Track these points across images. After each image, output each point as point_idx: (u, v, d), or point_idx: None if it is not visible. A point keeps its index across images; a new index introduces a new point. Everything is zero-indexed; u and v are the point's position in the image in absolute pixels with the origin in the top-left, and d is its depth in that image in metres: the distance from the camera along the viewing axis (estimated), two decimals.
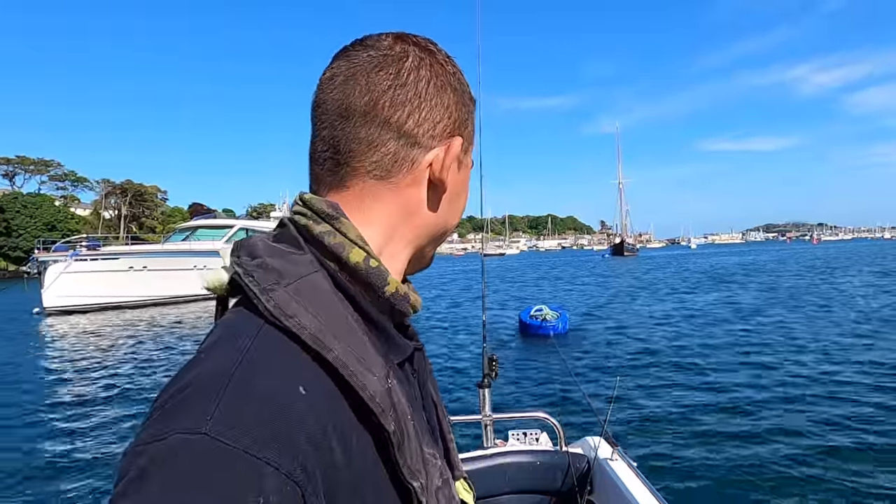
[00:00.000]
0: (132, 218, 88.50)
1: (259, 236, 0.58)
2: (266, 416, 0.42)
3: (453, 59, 0.66)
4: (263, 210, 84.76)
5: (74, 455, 6.25)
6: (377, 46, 0.61)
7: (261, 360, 0.46)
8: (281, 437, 0.42)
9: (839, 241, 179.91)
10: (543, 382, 8.63)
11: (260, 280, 0.51)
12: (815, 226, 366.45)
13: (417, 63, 0.61)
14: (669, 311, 17.22)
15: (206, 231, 28.57)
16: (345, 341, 0.50)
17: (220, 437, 0.40)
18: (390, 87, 0.59)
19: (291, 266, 0.53)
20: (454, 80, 0.64)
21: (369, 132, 0.59)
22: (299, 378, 0.47)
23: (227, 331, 0.51)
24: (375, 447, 0.51)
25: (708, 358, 9.91)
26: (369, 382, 0.50)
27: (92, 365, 11.59)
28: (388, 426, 0.50)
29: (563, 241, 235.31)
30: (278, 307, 0.49)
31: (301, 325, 0.49)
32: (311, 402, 0.46)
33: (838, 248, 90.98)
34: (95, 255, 23.73)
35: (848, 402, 6.91)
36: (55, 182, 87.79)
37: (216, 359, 0.47)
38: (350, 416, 0.49)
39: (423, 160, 0.61)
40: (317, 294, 0.52)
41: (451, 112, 0.63)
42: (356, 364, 0.50)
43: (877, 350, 9.97)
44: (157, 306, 23.97)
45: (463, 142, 0.64)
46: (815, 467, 5.10)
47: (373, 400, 0.50)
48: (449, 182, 0.63)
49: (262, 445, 0.41)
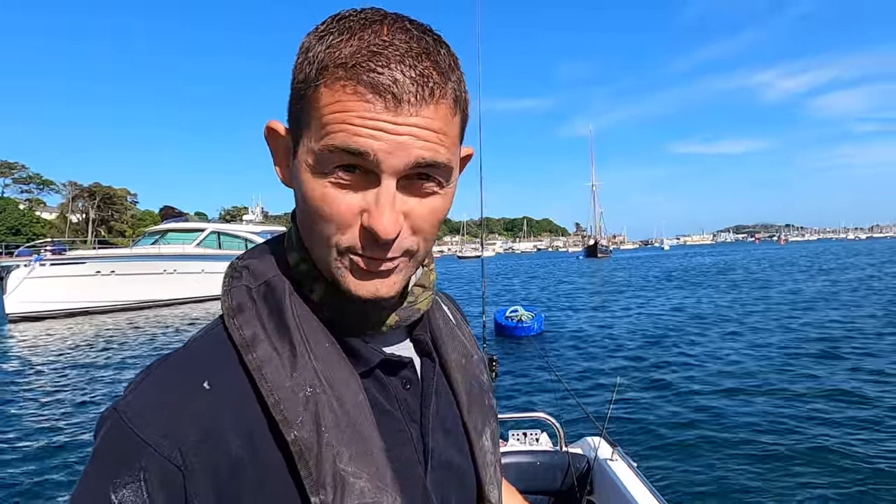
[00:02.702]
0: (101, 222, 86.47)
1: (278, 237, 0.62)
2: (161, 403, 0.48)
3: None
4: (237, 213, 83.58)
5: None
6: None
7: (191, 354, 0.53)
8: (168, 425, 0.47)
9: (805, 242, 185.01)
10: (530, 383, 8.61)
11: (231, 281, 0.57)
12: (783, 227, 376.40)
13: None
14: (644, 309, 17.50)
15: (176, 234, 27.93)
16: (277, 346, 0.52)
17: (123, 415, 0.48)
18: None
19: (262, 267, 0.57)
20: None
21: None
22: (210, 374, 0.51)
23: (203, 328, 0.57)
24: (284, 449, 0.50)
25: (706, 357, 9.97)
26: (278, 387, 0.50)
27: (53, 374, 11.15)
28: (288, 435, 0.49)
29: (539, 244, 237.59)
30: (231, 308, 0.54)
31: (236, 326, 0.52)
32: (212, 397, 0.49)
33: (803, 248, 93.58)
34: (61, 259, 22.96)
35: (848, 401, 6.93)
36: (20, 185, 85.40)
37: (172, 352, 0.54)
38: (261, 417, 0.50)
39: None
40: (271, 295, 0.55)
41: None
42: (276, 369, 0.50)
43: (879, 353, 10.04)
44: (125, 311, 23.33)
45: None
46: (814, 467, 5.09)
47: (276, 406, 0.49)
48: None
49: (147, 428, 0.47)
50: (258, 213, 47.14)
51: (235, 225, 35.89)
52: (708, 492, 4.71)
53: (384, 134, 0.47)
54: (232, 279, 0.57)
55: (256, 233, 30.17)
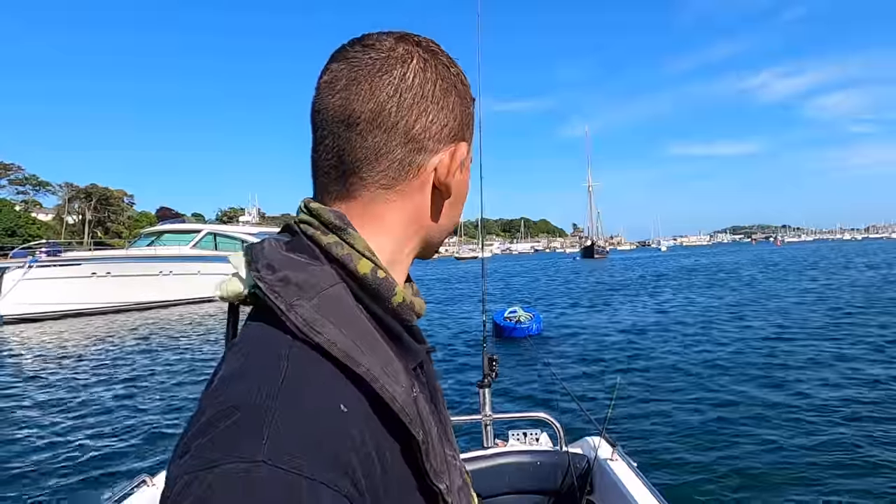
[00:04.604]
0: (97, 223, 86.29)
1: (271, 244, 0.58)
2: (317, 438, 0.44)
3: (455, 60, 0.64)
4: (234, 214, 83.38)
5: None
6: (378, 48, 0.58)
7: (300, 379, 0.47)
8: (333, 457, 0.44)
9: (801, 243, 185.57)
10: (530, 383, 8.62)
11: (284, 296, 0.52)
12: (779, 228, 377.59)
13: (423, 65, 0.59)
14: (643, 309, 17.53)
15: (172, 236, 27.87)
16: (371, 354, 0.52)
17: (279, 463, 0.41)
18: (396, 91, 0.57)
19: (312, 279, 0.54)
20: (458, 81, 0.63)
21: (375, 140, 0.57)
22: (339, 395, 0.48)
23: (259, 347, 0.51)
24: (402, 452, 0.53)
25: (706, 357, 9.98)
26: (397, 393, 0.51)
27: (49, 376, 11.09)
28: (417, 434, 0.52)
29: (536, 244, 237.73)
30: (307, 324, 0.50)
31: (330, 342, 0.50)
32: (353, 418, 0.48)
33: (799, 249, 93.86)
34: (56, 261, 22.85)
35: (850, 401, 6.92)
36: (15, 186, 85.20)
37: (256, 379, 0.47)
38: (381, 426, 0.51)
39: (428, 165, 0.60)
40: (340, 307, 0.54)
41: (455, 114, 0.61)
42: (384, 376, 0.51)
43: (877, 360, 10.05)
44: (121, 313, 23.23)
45: (468, 146, 0.64)
46: (815, 467, 5.07)
47: (402, 411, 0.51)
48: (453, 186, 0.63)
49: (317, 467, 0.42)
50: (255, 214, 47.08)
51: (232, 226, 35.81)
52: (708, 492, 4.69)
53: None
54: (281, 295, 0.52)
55: (253, 234, 30.07)
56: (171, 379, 10.13)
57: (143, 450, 6.33)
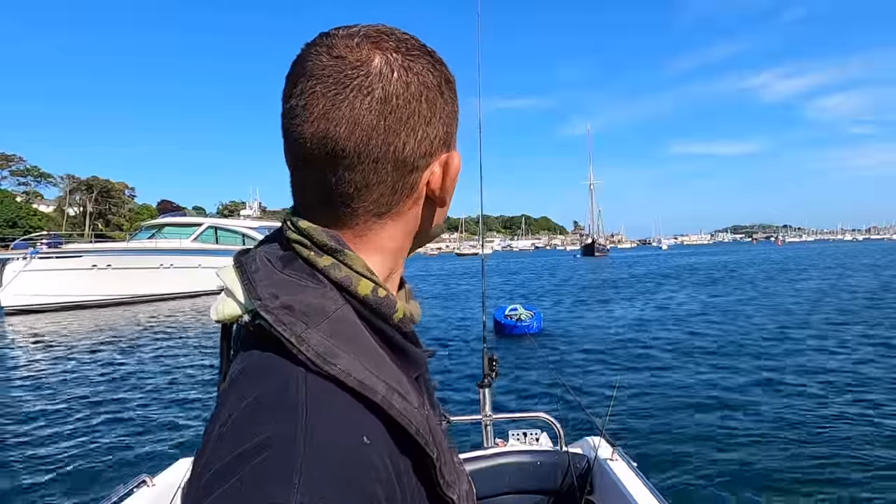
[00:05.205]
0: (98, 215, 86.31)
1: (265, 261, 0.55)
2: (345, 476, 0.44)
3: (435, 52, 0.58)
4: (235, 208, 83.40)
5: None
6: (351, 60, 0.52)
7: (320, 414, 0.46)
8: (361, 491, 0.44)
9: (802, 243, 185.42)
10: (530, 382, 8.61)
11: (292, 326, 0.50)
12: (780, 227, 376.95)
13: (405, 78, 0.53)
14: (644, 308, 17.52)
15: (173, 229, 27.92)
16: (384, 377, 0.51)
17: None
18: (381, 116, 0.52)
19: (317, 302, 0.52)
20: (442, 81, 0.57)
21: (364, 173, 0.53)
22: (360, 427, 0.48)
23: (272, 380, 0.49)
24: (415, 469, 0.53)
25: (706, 357, 9.99)
26: (413, 417, 0.51)
27: (49, 369, 11.11)
28: (432, 453, 0.53)
29: (537, 242, 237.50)
30: (320, 356, 0.49)
31: (346, 372, 0.49)
32: (375, 448, 0.47)
33: (800, 249, 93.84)
34: (57, 252, 22.86)
35: (851, 401, 6.92)
36: (17, 177, 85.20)
37: (277, 414, 0.46)
38: (396, 448, 0.51)
39: (421, 181, 0.57)
40: (349, 330, 0.52)
41: (443, 121, 0.57)
42: (399, 400, 0.51)
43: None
44: (121, 306, 23.25)
45: (456, 150, 0.60)
46: (815, 466, 5.07)
47: (419, 433, 0.51)
48: (447, 193, 0.60)
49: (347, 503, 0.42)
50: (256, 208, 47.17)
51: (233, 220, 35.81)
52: (708, 492, 4.69)
53: None
54: (288, 326, 0.50)
55: (254, 228, 30.13)
56: (171, 374, 10.13)
57: (143, 447, 6.32)
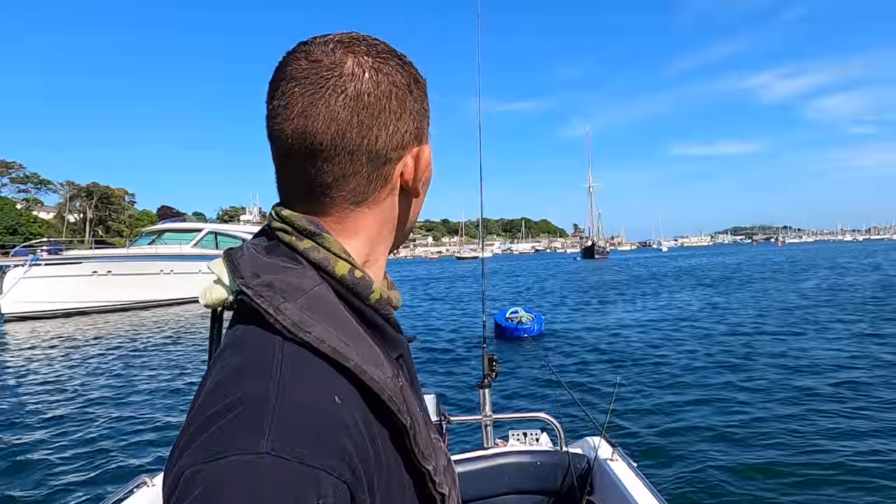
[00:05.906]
0: (98, 221, 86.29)
1: (251, 250, 0.61)
2: (316, 429, 0.47)
3: (404, 55, 0.63)
4: (235, 213, 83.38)
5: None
6: (326, 63, 0.57)
7: (295, 375, 0.50)
8: (331, 445, 0.47)
9: (802, 244, 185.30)
10: (531, 383, 8.63)
11: (271, 299, 0.54)
12: (780, 228, 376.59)
13: (375, 77, 0.58)
14: (644, 309, 17.53)
15: (173, 234, 27.93)
16: (358, 348, 0.55)
17: (282, 453, 0.44)
18: (353, 112, 0.57)
19: (296, 281, 0.57)
20: (411, 80, 0.62)
21: (341, 164, 0.58)
22: (332, 388, 0.51)
23: (252, 347, 0.53)
24: (391, 438, 0.56)
25: (706, 357, 10.00)
26: (385, 384, 0.55)
27: (49, 375, 11.11)
28: (405, 421, 0.56)
29: (537, 245, 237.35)
30: (296, 325, 0.53)
31: (319, 339, 0.52)
32: (347, 408, 0.51)
33: (800, 250, 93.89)
34: (57, 259, 22.90)
35: (853, 402, 6.90)
36: (17, 184, 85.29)
37: (254, 376, 0.50)
38: (372, 415, 0.54)
39: (394, 173, 0.62)
40: (324, 306, 0.56)
41: (413, 116, 0.62)
42: (373, 369, 0.54)
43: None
44: (122, 312, 23.26)
45: (428, 143, 0.65)
46: (816, 467, 5.07)
47: (391, 400, 0.55)
48: (420, 185, 0.64)
49: (317, 456, 0.45)
50: (256, 213, 47.06)
51: (233, 225, 35.85)
52: (708, 492, 4.69)
53: None
54: (267, 299, 0.54)
55: (254, 233, 30.07)
56: (171, 378, 10.15)
57: (142, 449, 6.34)
